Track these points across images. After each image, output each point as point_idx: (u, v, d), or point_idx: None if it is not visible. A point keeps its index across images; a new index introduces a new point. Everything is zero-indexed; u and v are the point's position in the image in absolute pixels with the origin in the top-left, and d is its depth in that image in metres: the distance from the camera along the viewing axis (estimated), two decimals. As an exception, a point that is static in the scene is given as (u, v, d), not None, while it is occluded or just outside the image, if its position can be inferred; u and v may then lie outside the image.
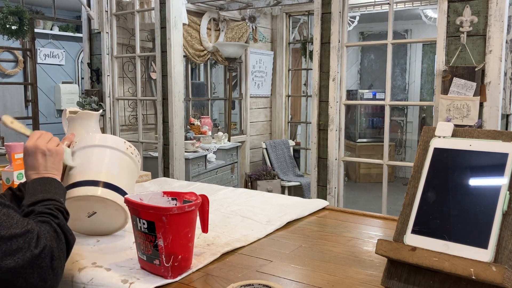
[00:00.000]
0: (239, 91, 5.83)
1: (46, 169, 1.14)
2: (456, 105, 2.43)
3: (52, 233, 0.98)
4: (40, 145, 1.15)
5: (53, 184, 1.12)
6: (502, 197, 0.84)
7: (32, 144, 1.16)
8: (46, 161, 1.15)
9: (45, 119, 6.58)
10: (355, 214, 1.58)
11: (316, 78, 3.03)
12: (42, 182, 1.11)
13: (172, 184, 2.01)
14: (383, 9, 5.35)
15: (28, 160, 1.15)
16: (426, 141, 0.99)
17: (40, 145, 1.15)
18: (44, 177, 1.13)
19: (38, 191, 1.08)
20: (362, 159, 5.69)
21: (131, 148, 1.35)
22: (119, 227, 1.30)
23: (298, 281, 1.05)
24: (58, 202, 1.07)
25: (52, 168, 1.15)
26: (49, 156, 1.15)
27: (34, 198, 1.06)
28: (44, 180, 1.12)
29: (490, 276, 0.78)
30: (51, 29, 6.84)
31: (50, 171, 1.14)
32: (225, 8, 5.22)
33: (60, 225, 1.01)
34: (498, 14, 2.32)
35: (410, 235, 0.91)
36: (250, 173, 5.45)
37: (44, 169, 1.14)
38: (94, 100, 4.16)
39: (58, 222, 1.01)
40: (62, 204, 1.09)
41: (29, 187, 1.12)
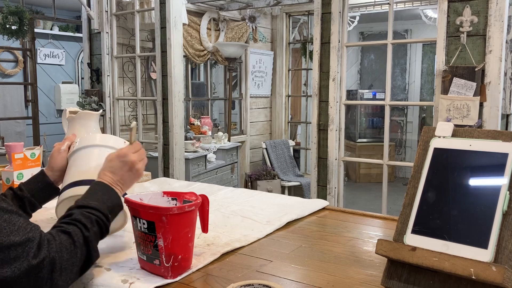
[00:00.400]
0: (239, 91, 5.83)
1: (121, 182, 1.12)
2: (456, 105, 2.43)
3: (67, 244, 0.94)
4: (135, 160, 1.14)
5: (114, 199, 1.09)
6: (502, 197, 0.84)
7: (131, 155, 1.14)
8: (127, 176, 1.13)
9: (45, 119, 6.59)
10: (355, 214, 1.58)
11: (316, 78, 3.03)
12: (106, 190, 1.09)
13: (172, 184, 2.01)
14: (383, 9, 5.35)
15: (115, 162, 1.13)
16: (426, 141, 0.99)
17: (135, 160, 1.14)
18: (111, 187, 1.10)
19: (95, 197, 1.06)
20: (362, 159, 5.69)
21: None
22: (119, 227, 1.30)
23: (298, 281, 1.05)
24: (104, 217, 1.04)
25: (125, 184, 1.13)
26: (133, 174, 1.14)
27: (86, 202, 1.04)
28: (109, 189, 1.09)
29: (490, 276, 0.78)
30: (51, 29, 6.84)
31: (122, 186, 1.12)
32: (225, 8, 5.22)
33: (88, 239, 0.98)
34: (498, 14, 2.32)
35: (410, 235, 0.91)
36: (250, 173, 5.45)
37: (119, 180, 1.12)
38: (94, 100, 4.16)
39: (86, 236, 0.98)
40: (108, 220, 1.05)
41: (92, 186, 1.10)
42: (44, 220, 1.44)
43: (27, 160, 1.68)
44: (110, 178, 1.11)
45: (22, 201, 1.21)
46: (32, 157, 1.70)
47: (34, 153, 1.71)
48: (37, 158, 1.72)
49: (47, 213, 1.47)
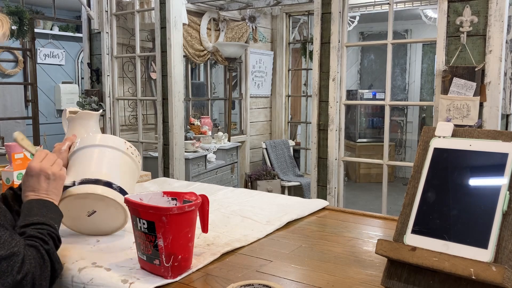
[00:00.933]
0: (239, 91, 5.83)
1: (46, 193, 1.12)
2: (456, 105, 2.43)
3: (38, 259, 0.95)
4: (45, 167, 1.12)
5: (51, 208, 1.09)
6: (502, 197, 0.84)
7: (37, 165, 1.12)
8: (48, 184, 1.12)
9: (45, 119, 6.59)
10: (355, 214, 1.58)
11: (316, 78, 3.03)
12: (39, 205, 1.08)
13: (172, 184, 2.01)
14: (383, 9, 5.35)
15: (30, 180, 1.12)
16: (426, 141, 0.99)
17: (45, 167, 1.12)
18: (42, 199, 1.10)
19: (33, 213, 1.06)
20: (362, 159, 5.69)
21: (132, 149, 1.35)
22: (119, 227, 1.30)
23: (298, 281, 1.05)
24: (52, 228, 1.04)
25: (53, 192, 1.13)
26: (52, 180, 1.13)
27: (28, 220, 1.03)
28: (42, 202, 1.09)
29: (490, 276, 0.78)
30: (51, 29, 6.84)
31: (50, 195, 1.12)
32: (225, 8, 5.22)
33: (49, 252, 0.98)
34: (498, 14, 2.32)
35: (410, 235, 0.91)
36: (250, 173, 5.45)
37: (44, 192, 1.11)
38: (94, 100, 4.16)
39: (47, 249, 0.98)
40: (56, 230, 1.06)
41: (25, 207, 1.09)
42: (44, 220, 1.44)
43: (27, 160, 1.68)
44: (33, 195, 1.10)
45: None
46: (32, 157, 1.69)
47: (34, 153, 1.71)
48: (37, 158, 1.72)
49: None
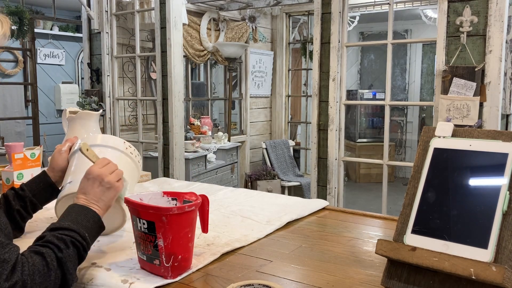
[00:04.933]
0: (239, 91, 5.83)
1: (95, 200, 1.08)
2: (456, 105, 2.43)
3: (39, 267, 0.90)
4: (103, 174, 1.10)
5: (91, 219, 1.05)
6: (502, 197, 0.84)
7: (96, 170, 1.10)
8: (101, 192, 1.09)
9: (45, 119, 6.59)
10: (355, 214, 1.58)
11: (316, 78, 3.03)
12: (81, 211, 1.05)
13: (172, 184, 2.01)
14: (383, 9, 5.35)
15: (84, 183, 1.10)
16: (426, 141, 0.99)
17: (103, 174, 1.10)
18: (87, 207, 1.06)
19: (69, 218, 1.02)
20: (362, 159, 5.69)
21: (131, 149, 1.35)
22: (118, 226, 1.30)
23: (298, 281, 1.05)
24: (80, 237, 0.99)
25: (102, 201, 1.09)
26: (106, 188, 1.10)
27: (59, 224, 1.00)
28: (83, 209, 1.05)
29: (490, 276, 0.78)
30: (51, 29, 6.84)
31: (99, 204, 1.08)
32: (225, 8, 5.22)
33: (61, 260, 0.93)
34: (498, 14, 2.32)
35: (410, 235, 0.91)
36: (250, 173, 5.45)
37: (93, 198, 1.08)
38: (94, 100, 4.16)
39: (60, 257, 0.93)
40: (85, 240, 1.00)
41: (67, 209, 1.06)
42: (44, 220, 1.44)
43: (27, 160, 1.68)
44: (83, 199, 1.08)
45: (23, 201, 1.22)
46: (32, 157, 1.70)
47: (34, 153, 1.71)
48: (37, 158, 1.72)
49: (47, 213, 1.47)
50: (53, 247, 0.94)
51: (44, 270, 0.90)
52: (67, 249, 0.96)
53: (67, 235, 0.97)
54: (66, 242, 0.96)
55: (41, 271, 0.90)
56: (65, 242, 0.96)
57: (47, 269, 0.91)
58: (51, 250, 0.93)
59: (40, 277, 0.89)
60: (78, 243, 0.98)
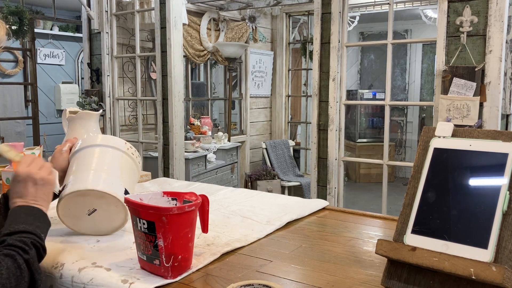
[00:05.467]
0: (239, 91, 5.83)
1: (35, 199, 1.06)
2: (456, 105, 2.43)
3: (13, 270, 0.89)
4: (32, 172, 1.07)
5: (38, 216, 1.04)
6: (502, 197, 0.84)
7: (24, 170, 1.07)
8: (36, 190, 1.07)
9: (45, 119, 6.59)
10: (355, 214, 1.58)
11: (316, 78, 3.03)
12: (27, 212, 1.03)
13: (172, 184, 2.01)
14: (383, 9, 5.35)
15: (17, 186, 1.07)
16: (426, 141, 0.99)
17: (33, 172, 1.07)
18: (30, 206, 1.05)
19: (19, 220, 1.00)
20: (362, 159, 5.69)
21: (132, 149, 1.35)
22: (119, 226, 1.30)
23: (298, 281, 1.05)
24: (37, 237, 0.98)
25: (41, 198, 1.07)
26: (41, 185, 1.07)
27: (13, 228, 0.98)
28: (29, 209, 1.04)
29: (490, 276, 0.78)
30: (51, 29, 6.84)
31: (38, 201, 1.06)
32: (225, 8, 5.22)
33: (29, 261, 0.93)
34: (498, 14, 2.32)
35: (410, 235, 0.91)
36: (250, 173, 5.45)
37: (32, 199, 1.06)
38: (94, 100, 4.16)
39: (27, 258, 0.93)
40: (41, 240, 1.00)
41: (11, 214, 1.03)
42: (44, 220, 1.44)
43: (27, 160, 1.67)
44: (21, 201, 1.05)
45: None
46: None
47: (34, 153, 1.71)
48: (37, 158, 1.72)
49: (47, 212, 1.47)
50: (18, 250, 0.93)
51: (17, 273, 0.90)
52: (31, 250, 0.95)
53: (26, 237, 0.96)
54: (28, 243, 0.95)
55: (15, 273, 0.89)
56: (27, 244, 0.95)
57: (19, 271, 0.90)
58: (17, 253, 0.92)
59: (16, 280, 0.89)
60: (38, 243, 0.98)
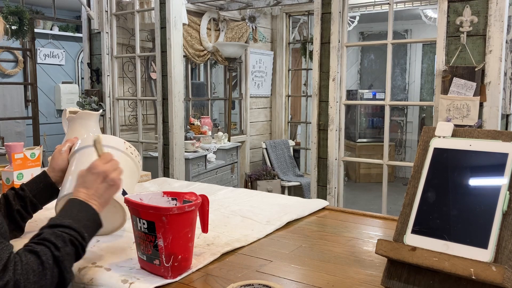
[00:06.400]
0: (239, 91, 5.83)
1: (96, 195, 1.06)
2: (456, 105, 2.43)
3: (34, 266, 0.88)
4: (108, 170, 1.08)
5: (91, 217, 1.03)
6: (502, 197, 0.84)
7: (101, 165, 1.08)
8: (103, 188, 1.08)
9: (45, 119, 6.59)
10: (355, 214, 1.58)
11: (316, 78, 3.03)
12: (80, 208, 1.03)
13: (172, 184, 2.01)
14: (383, 9, 5.35)
15: (88, 176, 1.07)
16: (426, 141, 0.99)
17: (108, 170, 1.08)
18: (87, 203, 1.04)
19: (70, 214, 1.00)
20: (362, 159, 5.69)
21: (131, 149, 1.35)
22: (118, 226, 1.30)
23: (298, 281, 1.05)
24: (79, 236, 0.97)
25: (103, 197, 1.08)
26: (108, 185, 1.08)
27: (59, 221, 0.98)
28: (85, 206, 1.04)
29: (490, 276, 0.78)
30: (51, 29, 6.84)
31: (98, 199, 1.06)
32: (225, 8, 5.22)
33: (58, 259, 0.91)
34: (498, 14, 2.32)
35: (410, 235, 0.91)
36: (250, 173, 5.45)
37: (94, 194, 1.06)
38: (94, 100, 4.16)
39: (57, 255, 0.91)
40: (84, 239, 0.98)
41: (66, 204, 1.04)
42: (44, 220, 1.42)
43: (27, 160, 1.68)
44: (84, 193, 1.05)
45: (23, 201, 1.22)
46: (32, 157, 1.70)
47: (34, 153, 1.71)
48: (37, 158, 1.72)
49: (47, 213, 1.47)
50: (49, 245, 0.92)
51: (39, 269, 0.88)
52: (65, 247, 0.94)
53: (67, 233, 0.95)
54: (65, 240, 0.94)
55: (36, 269, 0.88)
56: (64, 240, 0.94)
57: (42, 267, 0.89)
58: (47, 248, 0.91)
59: (35, 276, 0.87)
60: (77, 242, 0.97)
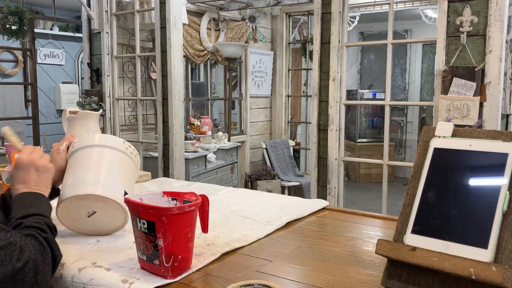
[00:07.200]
0: (239, 91, 5.83)
1: (37, 185, 1.14)
2: (456, 105, 2.43)
3: (38, 247, 0.96)
4: (34, 159, 1.15)
5: (43, 201, 1.12)
6: (502, 197, 0.84)
7: (26, 158, 1.15)
8: (38, 176, 1.15)
9: (45, 119, 6.59)
10: (355, 214, 1.58)
11: (316, 78, 3.03)
12: (32, 197, 1.11)
13: (172, 184, 2.01)
14: (383, 9, 5.35)
15: (19, 173, 1.14)
16: (426, 141, 0.99)
17: (34, 160, 1.15)
18: (34, 192, 1.12)
19: (27, 205, 1.08)
20: (362, 159, 5.69)
21: (131, 148, 1.34)
22: (119, 227, 1.30)
23: (298, 281, 1.05)
24: (47, 218, 1.07)
25: (42, 184, 1.15)
26: (42, 172, 1.15)
27: (24, 212, 1.05)
28: (34, 195, 1.12)
29: (490, 276, 0.78)
30: (51, 29, 6.84)
31: (40, 187, 1.14)
32: (225, 8, 5.22)
33: (48, 239, 1.00)
34: (498, 14, 2.32)
35: (410, 235, 0.91)
36: (250, 173, 5.45)
37: (35, 185, 1.14)
38: (94, 100, 4.16)
39: (45, 237, 1.00)
40: (51, 220, 1.08)
41: (17, 200, 1.11)
42: (44, 220, 1.43)
43: (27, 160, 1.67)
44: (24, 187, 1.13)
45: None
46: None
47: (34, 153, 1.70)
48: (37, 158, 1.71)
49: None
50: (36, 230, 1.00)
51: (41, 249, 0.96)
52: (47, 229, 1.02)
53: (39, 219, 1.04)
54: (42, 224, 1.03)
55: (40, 250, 0.96)
56: (42, 224, 1.03)
57: (42, 247, 0.97)
58: (36, 232, 0.99)
59: (41, 256, 0.95)
60: (49, 223, 1.06)
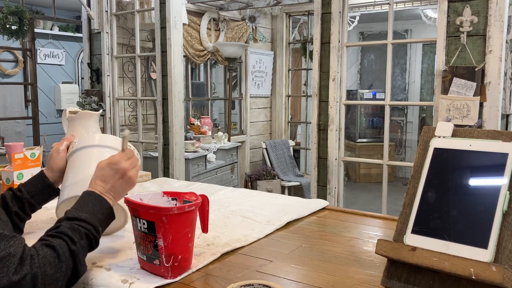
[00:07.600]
0: (239, 91, 5.83)
1: (112, 191, 1.08)
2: (456, 105, 2.43)
3: (51, 259, 0.90)
4: (127, 167, 1.10)
5: (105, 211, 1.05)
6: (502, 197, 0.84)
7: (123, 162, 1.10)
8: (119, 184, 1.09)
9: (45, 119, 6.59)
10: (355, 214, 1.58)
11: (316, 78, 3.03)
12: (95, 201, 1.05)
13: (172, 184, 2.01)
14: (383, 9, 5.35)
15: (107, 170, 1.09)
16: (426, 141, 0.99)
17: (128, 167, 1.10)
18: (103, 197, 1.06)
19: (86, 208, 1.03)
20: (362, 159, 5.69)
21: (131, 148, 1.34)
22: (119, 227, 1.30)
23: (298, 281, 1.05)
24: (94, 229, 1.01)
25: (118, 192, 1.09)
26: (125, 182, 1.10)
27: (76, 214, 1.00)
28: (100, 200, 1.06)
29: (490, 276, 0.78)
30: (51, 29, 6.84)
31: (114, 194, 1.08)
32: (225, 8, 5.22)
33: (74, 253, 0.94)
34: (498, 14, 2.32)
35: (410, 235, 0.91)
36: (250, 173, 5.45)
37: (111, 189, 1.08)
38: (94, 100, 4.16)
39: (73, 249, 0.94)
40: (98, 233, 1.02)
41: (84, 196, 1.06)
42: (44, 221, 1.44)
43: (27, 160, 1.68)
44: (101, 187, 1.07)
45: (21, 202, 1.21)
46: (32, 157, 1.70)
47: (34, 153, 1.71)
48: (37, 158, 1.72)
49: (47, 213, 1.47)
50: (66, 239, 0.95)
51: (55, 262, 0.91)
52: (81, 240, 0.97)
53: (83, 227, 0.98)
54: (81, 234, 0.97)
55: (52, 263, 0.91)
56: (80, 234, 0.97)
57: (58, 260, 0.91)
58: (64, 242, 0.94)
59: (52, 269, 0.90)
60: (91, 235, 1.00)
